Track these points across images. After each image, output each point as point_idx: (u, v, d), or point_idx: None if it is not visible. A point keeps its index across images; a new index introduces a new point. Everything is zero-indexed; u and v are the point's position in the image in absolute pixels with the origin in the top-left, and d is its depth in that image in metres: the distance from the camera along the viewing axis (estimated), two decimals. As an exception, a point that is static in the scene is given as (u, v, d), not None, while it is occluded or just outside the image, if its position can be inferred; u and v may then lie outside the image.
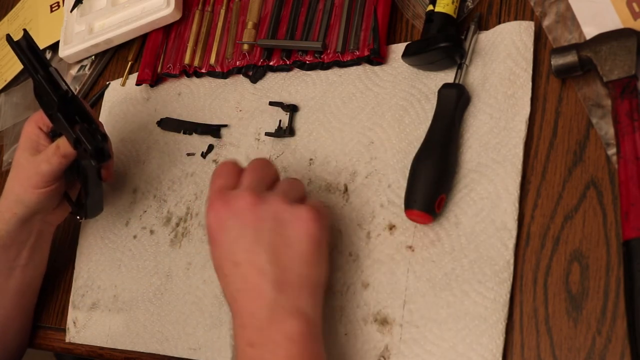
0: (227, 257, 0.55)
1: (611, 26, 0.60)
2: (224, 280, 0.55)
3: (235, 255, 0.54)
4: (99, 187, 0.75)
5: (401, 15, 0.73)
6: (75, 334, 0.82)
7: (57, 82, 0.69)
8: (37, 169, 0.69)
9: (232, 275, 0.54)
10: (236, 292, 0.54)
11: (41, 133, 0.73)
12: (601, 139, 0.58)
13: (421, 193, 0.60)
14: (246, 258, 0.54)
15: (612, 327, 0.53)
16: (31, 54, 0.70)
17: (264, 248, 0.54)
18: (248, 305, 0.54)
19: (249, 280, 0.54)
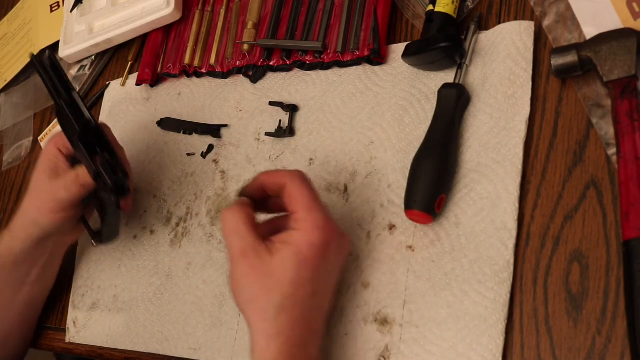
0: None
1: (611, 26, 0.60)
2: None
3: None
4: (117, 216, 0.73)
5: (401, 15, 0.73)
6: (75, 334, 0.82)
7: (80, 109, 0.67)
8: (55, 195, 0.68)
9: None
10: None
11: (60, 155, 0.71)
12: (601, 139, 0.58)
13: (421, 193, 0.60)
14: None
15: (612, 327, 0.53)
16: (55, 75, 0.67)
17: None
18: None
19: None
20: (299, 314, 0.55)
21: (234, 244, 0.57)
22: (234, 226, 0.57)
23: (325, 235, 0.56)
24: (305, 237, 0.55)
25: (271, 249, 0.56)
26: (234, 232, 0.57)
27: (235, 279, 0.57)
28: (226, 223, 0.58)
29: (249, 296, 0.56)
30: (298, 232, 0.56)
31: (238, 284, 0.57)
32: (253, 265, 0.55)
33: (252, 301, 0.55)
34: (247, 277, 0.56)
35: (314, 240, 0.55)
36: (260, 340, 0.55)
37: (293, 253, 0.55)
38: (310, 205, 0.57)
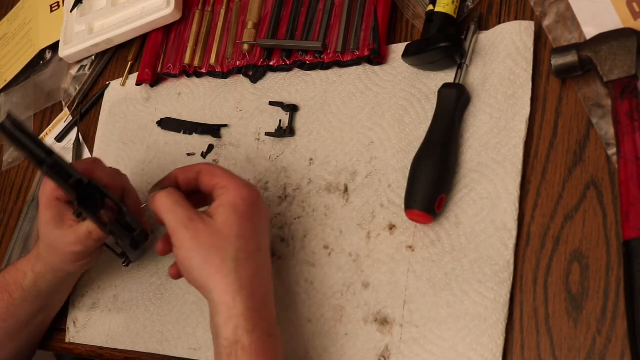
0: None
1: (611, 26, 0.60)
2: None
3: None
4: (142, 240, 0.71)
5: (401, 15, 0.73)
6: (75, 334, 0.82)
7: (66, 170, 0.61)
8: (73, 249, 0.67)
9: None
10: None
11: (61, 204, 0.66)
12: (601, 139, 0.58)
13: (421, 193, 0.60)
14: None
15: (612, 327, 0.53)
16: (28, 139, 0.59)
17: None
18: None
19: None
20: (254, 268, 0.58)
21: (177, 214, 0.59)
22: (171, 201, 0.60)
23: (251, 190, 0.61)
24: (237, 194, 0.59)
25: (210, 214, 0.59)
26: (174, 204, 0.60)
27: (183, 246, 0.58)
28: (162, 200, 0.60)
29: (201, 259, 0.57)
30: (228, 192, 0.60)
31: (187, 250, 0.58)
32: (199, 229, 0.58)
33: (206, 263, 0.57)
34: (197, 239, 0.57)
35: (245, 195, 0.60)
36: (225, 298, 0.56)
37: (232, 210, 0.58)
38: (230, 174, 0.62)
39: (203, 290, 0.58)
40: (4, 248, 0.96)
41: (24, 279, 0.72)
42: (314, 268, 0.67)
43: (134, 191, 0.72)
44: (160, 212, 0.60)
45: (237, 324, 0.55)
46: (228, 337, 0.56)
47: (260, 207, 0.61)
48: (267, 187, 0.74)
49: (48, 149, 0.60)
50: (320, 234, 0.68)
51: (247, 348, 0.55)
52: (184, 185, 0.65)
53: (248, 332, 0.55)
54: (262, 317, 0.57)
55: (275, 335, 0.58)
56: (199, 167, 0.64)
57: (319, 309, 0.66)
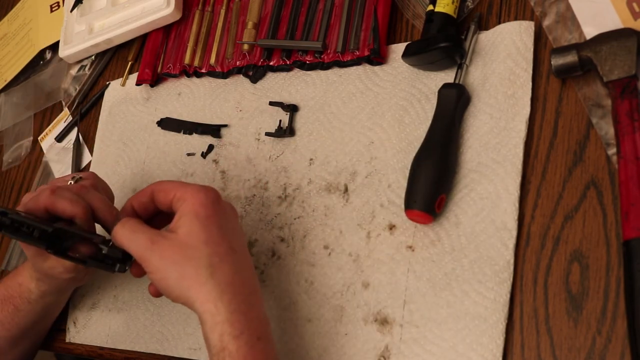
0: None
1: (611, 26, 0.60)
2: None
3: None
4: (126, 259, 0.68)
5: (401, 15, 0.73)
6: (75, 334, 0.82)
7: (27, 225, 0.59)
8: (65, 276, 0.66)
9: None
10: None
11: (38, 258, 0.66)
12: (601, 139, 0.58)
13: (421, 193, 0.60)
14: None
15: (612, 327, 0.53)
16: (19, 229, 0.59)
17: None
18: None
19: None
20: (231, 270, 0.57)
21: (138, 241, 0.58)
22: (129, 230, 0.59)
23: (208, 193, 0.59)
24: (194, 200, 0.58)
25: (172, 229, 0.58)
26: (132, 232, 0.58)
27: (154, 269, 0.57)
28: (119, 232, 0.59)
29: (176, 275, 0.56)
30: (185, 202, 0.58)
31: (160, 271, 0.57)
32: (165, 247, 0.57)
33: (181, 278, 0.56)
34: (166, 258, 0.56)
35: (202, 199, 0.58)
36: (207, 306, 0.55)
37: (193, 217, 0.57)
38: (182, 184, 0.60)
39: (187, 304, 0.57)
40: (4, 248, 0.96)
41: (29, 294, 0.72)
42: (314, 268, 0.67)
43: (104, 201, 0.66)
44: (122, 243, 0.59)
45: (222, 330, 0.54)
46: (215, 344, 0.54)
47: (222, 206, 0.60)
48: (267, 187, 0.74)
49: (1, 209, 0.58)
50: (320, 234, 0.68)
51: (235, 354, 0.53)
52: (141, 211, 0.63)
53: (234, 338, 0.53)
54: (248, 320, 0.55)
55: (265, 337, 0.56)
56: (150, 188, 0.62)
57: (319, 309, 0.66)
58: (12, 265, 0.93)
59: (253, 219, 0.73)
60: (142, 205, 0.63)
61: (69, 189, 0.64)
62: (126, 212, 0.63)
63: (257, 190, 0.74)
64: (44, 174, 0.97)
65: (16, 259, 0.93)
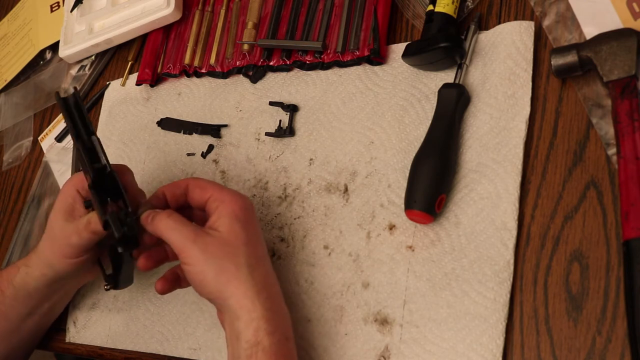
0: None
1: (611, 26, 0.60)
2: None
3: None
4: (130, 264, 0.69)
5: (401, 15, 0.73)
6: (75, 334, 0.82)
7: (97, 154, 0.64)
8: (68, 240, 0.66)
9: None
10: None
11: (78, 197, 0.67)
12: (601, 139, 0.58)
13: (421, 193, 0.60)
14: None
15: (612, 327, 0.53)
16: (78, 116, 0.64)
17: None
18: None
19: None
20: (266, 270, 0.60)
21: (182, 232, 0.59)
22: (174, 220, 0.60)
23: (246, 200, 0.62)
24: (234, 204, 0.60)
25: (212, 227, 0.60)
26: (177, 223, 0.60)
27: (194, 262, 0.58)
28: (164, 221, 0.60)
29: (215, 270, 0.58)
30: (224, 204, 0.61)
31: (199, 264, 0.58)
32: (208, 242, 0.58)
33: (220, 273, 0.58)
34: (207, 252, 0.58)
35: (242, 204, 0.61)
36: (245, 302, 0.57)
37: (234, 219, 0.59)
38: (219, 185, 0.63)
39: (219, 299, 0.59)
40: (4, 248, 0.96)
41: (15, 273, 0.72)
42: (314, 268, 0.67)
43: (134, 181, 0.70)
44: (164, 232, 0.60)
45: (258, 326, 0.56)
46: (249, 339, 0.56)
47: (255, 214, 0.63)
48: (267, 187, 0.74)
49: (92, 130, 0.64)
50: (320, 234, 0.68)
51: (268, 349, 0.56)
52: (172, 202, 0.64)
53: (269, 334, 0.56)
54: (280, 319, 0.58)
55: (291, 338, 0.59)
56: (186, 182, 0.64)
57: (319, 309, 0.66)
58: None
59: (253, 219, 0.73)
60: (174, 196, 0.64)
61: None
62: (157, 200, 0.64)
63: (257, 190, 0.74)
64: (44, 174, 0.97)
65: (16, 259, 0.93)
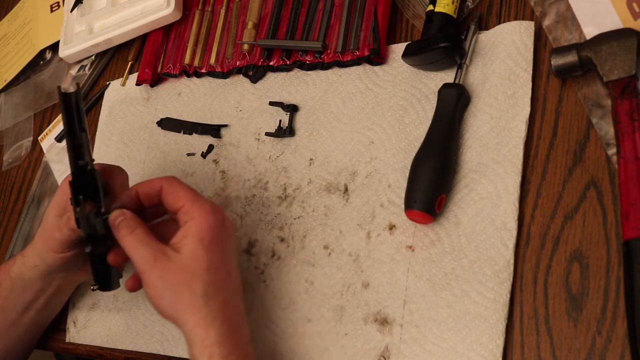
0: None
1: (611, 26, 0.60)
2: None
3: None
4: (107, 268, 0.68)
5: (401, 15, 0.73)
6: (75, 334, 0.82)
7: (82, 152, 0.63)
8: (53, 234, 0.67)
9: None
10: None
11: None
12: (601, 139, 0.58)
13: (421, 193, 0.60)
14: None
15: (612, 327, 0.53)
16: (76, 114, 0.63)
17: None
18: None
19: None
20: (225, 296, 0.58)
21: (142, 253, 0.59)
22: (136, 239, 0.59)
23: (217, 216, 0.59)
24: (202, 224, 0.58)
25: (176, 248, 0.59)
26: (139, 242, 0.59)
27: (152, 286, 0.58)
28: (129, 238, 0.60)
29: (172, 297, 0.57)
30: (192, 221, 0.59)
31: (157, 290, 0.58)
32: (166, 267, 0.58)
33: (177, 300, 0.57)
34: (164, 279, 0.57)
35: (211, 224, 0.59)
36: (198, 331, 0.56)
37: (197, 241, 0.58)
38: (193, 196, 0.60)
39: (176, 324, 0.58)
40: (4, 248, 0.96)
41: (12, 265, 0.72)
42: (314, 268, 0.67)
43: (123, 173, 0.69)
44: (126, 249, 0.60)
45: (212, 352, 0.56)
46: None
47: (225, 230, 0.60)
48: (267, 187, 0.74)
49: (84, 127, 0.63)
50: (320, 234, 0.68)
51: None
52: (145, 201, 0.64)
53: (223, 357, 0.56)
54: (235, 340, 0.57)
55: (249, 355, 0.58)
56: (159, 184, 0.62)
57: (319, 309, 0.66)
58: (12, 265, 0.93)
59: (253, 219, 0.73)
60: (147, 196, 0.63)
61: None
62: (130, 199, 0.64)
63: (257, 190, 0.74)
64: (44, 174, 0.97)
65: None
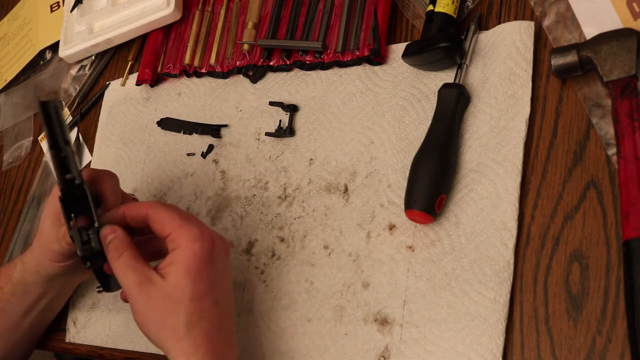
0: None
1: (611, 26, 0.60)
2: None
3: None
4: (107, 277, 0.67)
5: (401, 15, 0.73)
6: (75, 334, 0.82)
7: (68, 165, 0.62)
8: (52, 245, 0.66)
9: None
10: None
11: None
12: (601, 139, 0.58)
13: (421, 193, 0.60)
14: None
15: (612, 327, 0.53)
16: (58, 124, 0.62)
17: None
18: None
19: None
20: (209, 325, 0.57)
21: (129, 279, 0.58)
22: (123, 262, 0.59)
23: (204, 243, 0.58)
24: (188, 252, 0.57)
25: (162, 274, 0.58)
26: (125, 267, 0.59)
27: (138, 312, 0.58)
28: (117, 262, 0.59)
29: (156, 324, 0.57)
30: (179, 249, 0.58)
31: (143, 317, 0.58)
32: (151, 294, 0.57)
33: (161, 328, 0.57)
34: (149, 306, 0.57)
35: (197, 252, 0.57)
36: (181, 359, 0.56)
37: (183, 270, 0.57)
38: (180, 221, 0.59)
39: (161, 350, 0.58)
40: (4, 248, 0.96)
41: (13, 270, 0.72)
42: (314, 268, 0.67)
43: (116, 184, 0.67)
44: (115, 274, 0.60)
45: None
46: None
47: (214, 256, 0.59)
48: (267, 187, 0.74)
49: (68, 139, 0.62)
50: (320, 234, 0.68)
51: None
52: (132, 223, 0.63)
53: None
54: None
55: None
56: (145, 211, 0.61)
57: (319, 309, 0.66)
58: (12, 265, 0.93)
59: (253, 219, 0.73)
60: (134, 220, 0.62)
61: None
62: (116, 218, 0.62)
63: (257, 190, 0.74)
64: (44, 174, 0.97)
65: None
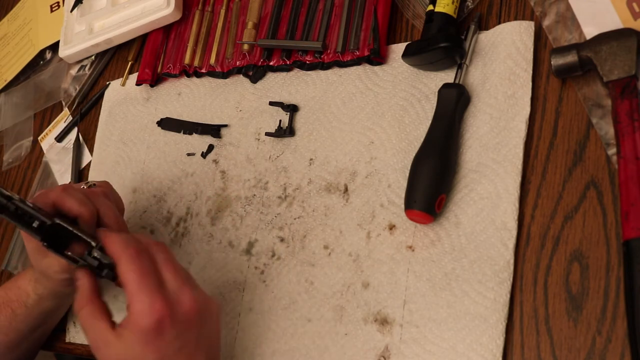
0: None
1: (611, 26, 0.60)
2: None
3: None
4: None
5: (401, 15, 0.73)
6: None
7: (29, 214, 0.59)
8: (61, 276, 0.65)
9: None
10: None
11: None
12: (601, 139, 0.58)
13: (421, 193, 0.60)
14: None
15: (612, 327, 0.53)
16: None
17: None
18: None
19: None
20: None
21: (89, 338, 0.59)
22: (83, 317, 0.59)
23: (153, 316, 0.55)
24: (135, 326, 0.55)
25: (119, 333, 0.57)
26: (84, 323, 0.59)
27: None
28: (82, 313, 0.59)
29: None
30: (130, 316, 0.56)
31: None
32: (105, 355, 0.57)
33: None
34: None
35: (143, 326, 0.55)
36: None
37: (135, 338, 0.55)
38: (133, 288, 0.56)
39: None
40: (4, 248, 0.96)
41: (27, 298, 0.72)
42: (314, 268, 0.67)
43: (111, 208, 0.66)
44: (82, 325, 0.59)
45: None
46: None
47: (167, 328, 0.55)
48: (267, 187, 0.74)
49: (8, 194, 0.59)
50: (320, 234, 0.68)
51: None
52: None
53: None
54: None
55: None
56: (115, 256, 0.59)
57: (319, 309, 0.66)
58: (12, 266, 0.93)
59: (253, 219, 0.73)
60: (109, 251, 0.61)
61: (80, 190, 0.65)
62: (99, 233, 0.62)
63: (257, 190, 0.74)
64: (44, 174, 0.97)
65: (16, 259, 0.93)
